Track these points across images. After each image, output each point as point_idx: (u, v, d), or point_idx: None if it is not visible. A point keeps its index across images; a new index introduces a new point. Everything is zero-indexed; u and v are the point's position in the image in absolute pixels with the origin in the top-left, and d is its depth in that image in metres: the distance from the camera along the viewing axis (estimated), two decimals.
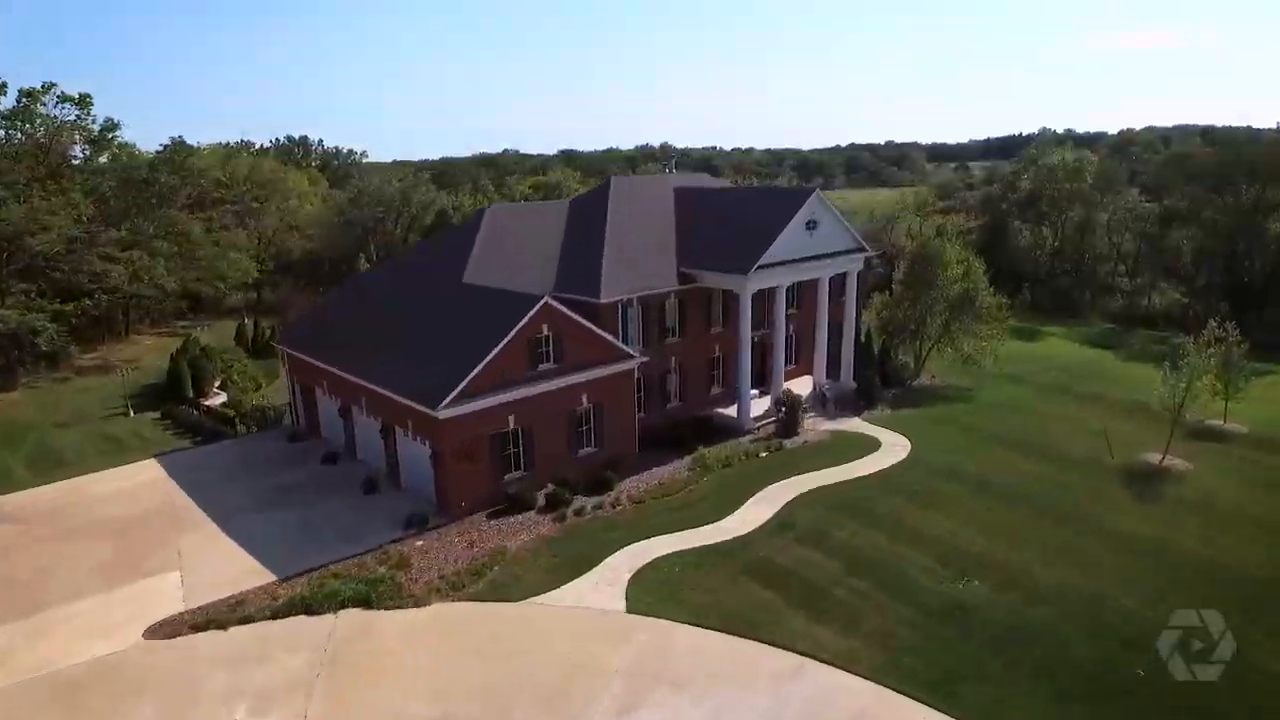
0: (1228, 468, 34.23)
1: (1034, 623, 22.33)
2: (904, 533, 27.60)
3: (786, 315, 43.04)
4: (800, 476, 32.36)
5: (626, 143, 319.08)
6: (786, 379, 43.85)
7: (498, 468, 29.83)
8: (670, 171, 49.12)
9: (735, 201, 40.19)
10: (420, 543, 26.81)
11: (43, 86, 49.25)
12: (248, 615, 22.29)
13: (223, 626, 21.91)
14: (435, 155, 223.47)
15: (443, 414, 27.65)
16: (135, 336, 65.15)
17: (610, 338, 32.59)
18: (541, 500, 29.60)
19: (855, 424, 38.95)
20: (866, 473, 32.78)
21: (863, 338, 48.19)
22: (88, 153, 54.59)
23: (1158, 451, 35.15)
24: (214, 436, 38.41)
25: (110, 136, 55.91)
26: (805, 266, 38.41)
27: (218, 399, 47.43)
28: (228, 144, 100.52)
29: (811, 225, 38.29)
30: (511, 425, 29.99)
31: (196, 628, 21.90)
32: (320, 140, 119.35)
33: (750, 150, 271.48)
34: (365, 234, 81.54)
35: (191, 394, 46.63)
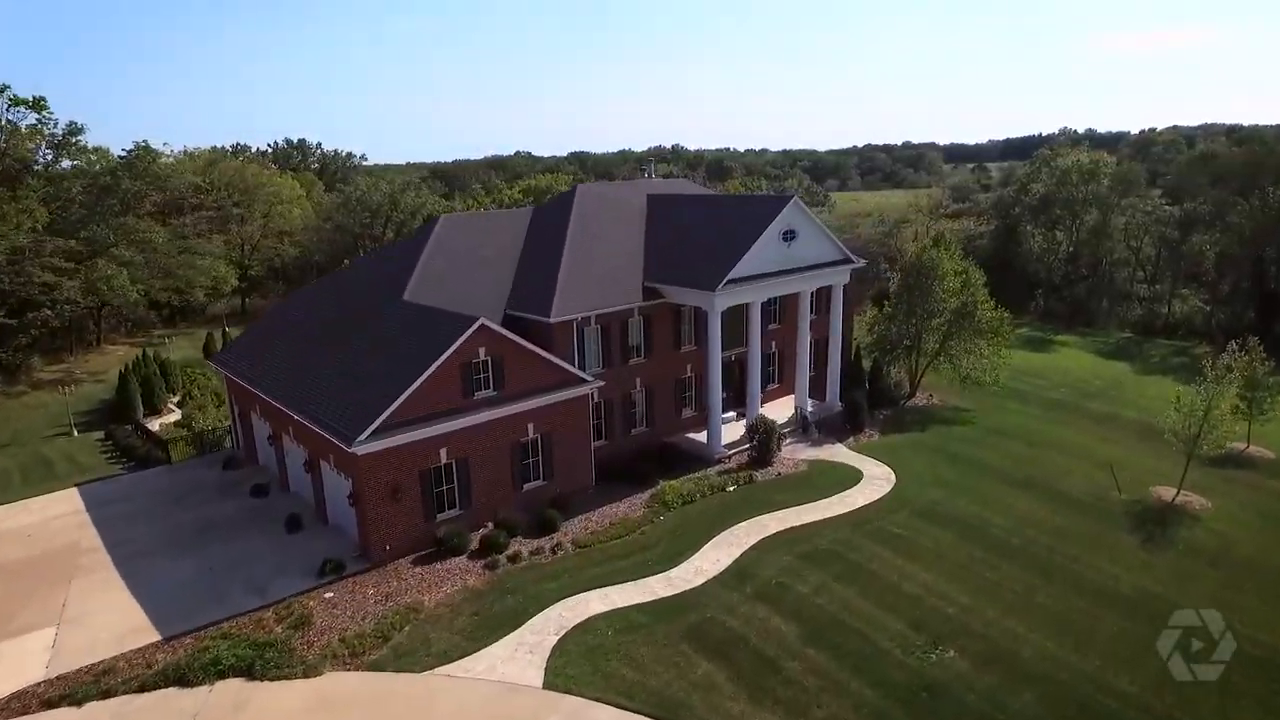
0: (1250, 503, 30.82)
1: (1016, 714, 19.11)
2: (875, 588, 24.45)
3: (768, 332, 40.11)
4: (769, 515, 29.28)
5: (640, 144, 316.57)
6: (769, 400, 40.87)
7: (427, 506, 27.01)
8: (649, 176, 46.23)
9: (708, 211, 37.16)
10: (330, 594, 24.04)
11: None
12: (110, 688, 19.58)
13: (78, 702, 19.21)
14: (449, 158, 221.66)
15: (360, 450, 24.87)
16: (108, 346, 63.13)
17: (559, 361, 29.68)
18: (475, 543, 26.77)
19: (838, 452, 35.76)
20: (842, 511, 29.63)
21: (853, 355, 44.99)
22: (49, 157, 52.56)
23: (1171, 485, 31.76)
24: (147, 462, 35.93)
25: (75, 140, 53.84)
26: (782, 281, 35.29)
27: (172, 417, 45.11)
28: (219, 148, 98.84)
29: (789, 236, 35.16)
30: (444, 459, 27.17)
31: (49, 704, 19.22)
32: (319, 143, 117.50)
33: (764, 151, 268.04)
34: (354, 239, 79.38)
35: (143, 412, 44.34)
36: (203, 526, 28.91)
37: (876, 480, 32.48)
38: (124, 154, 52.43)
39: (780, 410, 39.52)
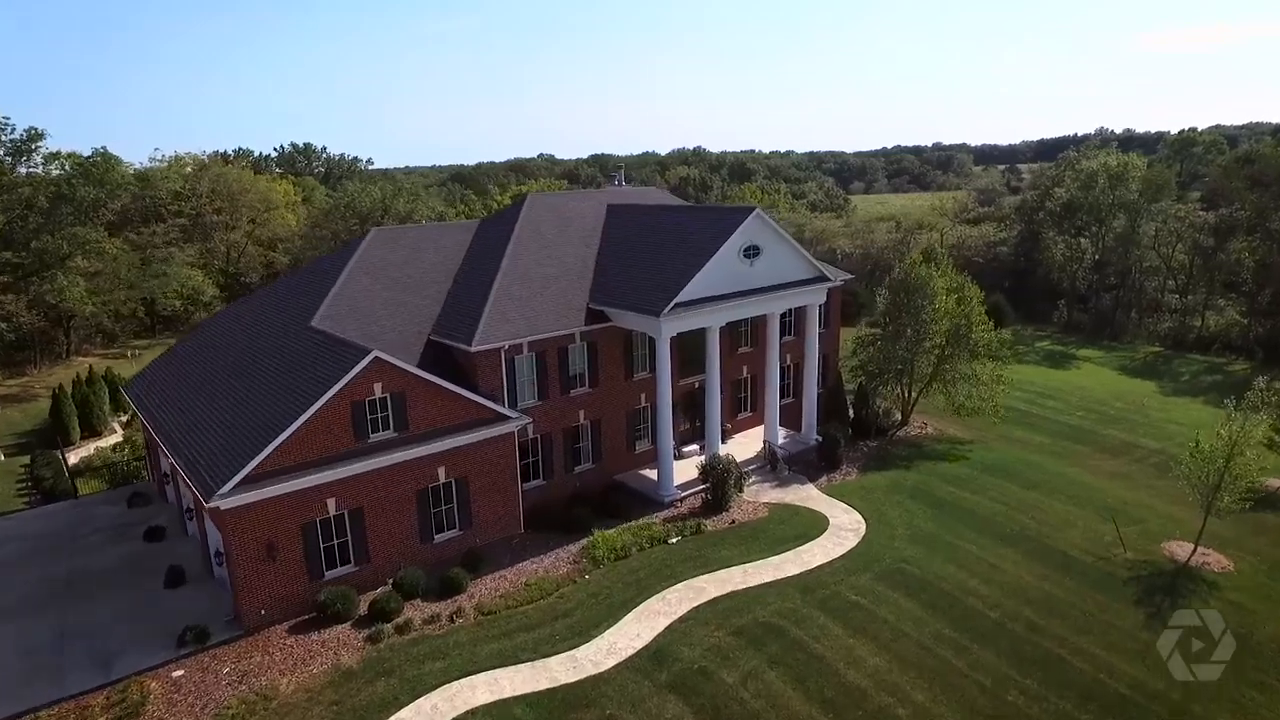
0: None
1: None
2: (815, 677, 20.64)
3: (739, 356, 36.42)
4: (711, 575, 25.58)
5: (663, 146, 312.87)
6: (744, 429, 37.21)
7: (313, 564, 23.77)
8: (619, 184, 42.72)
9: (665, 224, 33.51)
10: (179, 673, 20.87)
11: None
12: None
13: None
14: (473, 160, 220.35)
15: (223, 504, 21.70)
16: (78, 359, 61.17)
17: (475, 396, 26.28)
18: (364, 608, 23.47)
19: (807, 494, 31.88)
20: (795, 572, 25.79)
21: (837, 380, 40.99)
22: (8, 164, 50.49)
23: (1188, 539, 27.53)
24: (53, 495, 33.25)
25: (35, 147, 51.81)
26: (744, 302, 31.51)
27: (112, 439, 42.62)
28: (220, 153, 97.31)
29: (751, 253, 31.38)
30: (333, 510, 23.91)
31: None
32: (324, 148, 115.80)
33: (790, 153, 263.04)
34: (343, 245, 76.95)
35: (80, 434, 41.89)
36: (74, 579, 25.98)
37: (843, 531, 28.57)
38: (80, 161, 50.28)
39: (754, 442, 35.76)
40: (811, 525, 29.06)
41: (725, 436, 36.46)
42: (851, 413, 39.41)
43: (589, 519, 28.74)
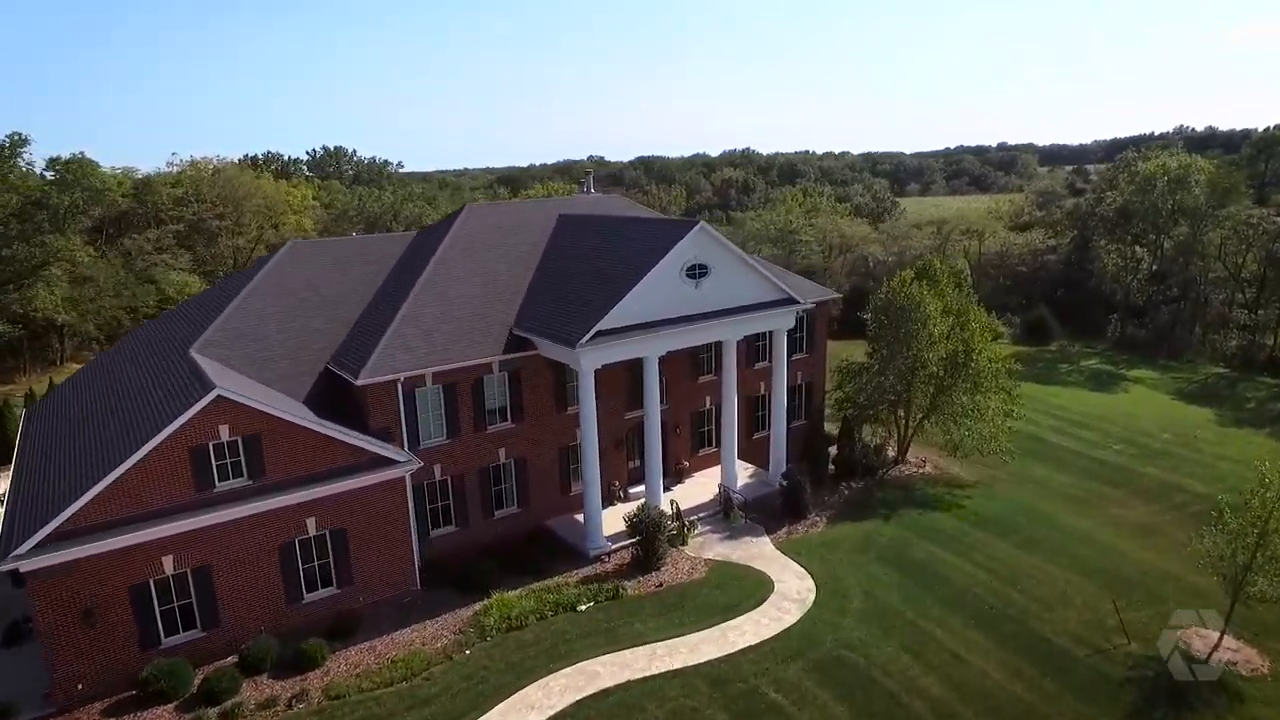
0: None
1: None
2: None
3: (700, 385, 32.34)
4: (613, 655, 21.72)
5: (714, 148, 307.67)
6: (704, 468, 33.12)
7: (146, 631, 20.84)
8: (587, 191, 39.10)
9: (609, 239, 29.71)
10: None
11: None
12: None
13: None
14: (524, 162, 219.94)
15: (24, 566, 18.91)
16: (72, 365, 60.69)
17: (349, 437, 23.00)
18: (195, 684, 20.40)
19: (759, 549, 27.68)
20: (713, 655, 21.72)
21: (819, 413, 36.52)
22: None
23: (1213, 625, 22.50)
24: None
25: (20, 153, 51.12)
26: (687, 329, 27.49)
27: None
28: (248, 157, 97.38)
29: (697, 273, 27.35)
30: (170, 569, 20.93)
31: None
32: (354, 151, 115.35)
33: (844, 154, 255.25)
34: None
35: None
36: None
37: (786, 601, 24.32)
38: (56, 167, 49.41)
39: (716, 482, 31.63)
40: (751, 592, 24.89)
41: (683, 475, 32.59)
42: (835, 449, 34.92)
43: (495, 576, 25.20)
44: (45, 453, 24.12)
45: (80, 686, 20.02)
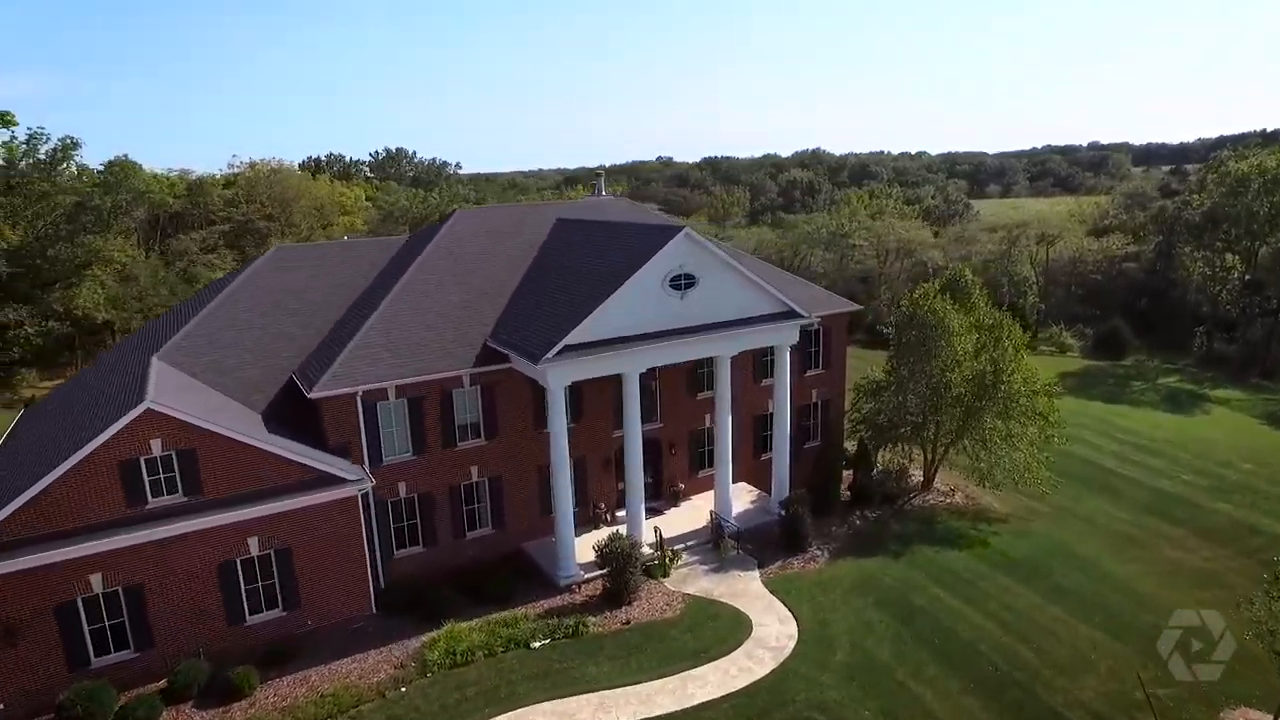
0: None
1: None
2: None
3: (698, 402, 30.18)
4: (556, 703, 19.85)
5: (785, 149, 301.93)
6: (704, 491, 30.88)
7: (73, 651, 20.09)
8: (599, 193, 37.32)
9: (595, 244, 27.84)
10: None
11: None
12: None
13: None
14: (593, 163, 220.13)
15: None
16: None
17: (293, 454, 21.82)
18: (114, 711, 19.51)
19: (745, 585, 25.32)
20: (668, 709, 19.58)
21: (836, 434, 33.74)
22: (42, 173, 51.60)
23: (1267, 708, 19.12)
24: None
25: (72, 155, 52.84)
26: (671, 344, 25.36)
27: None
28: (312, 159, 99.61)
29: (682, 283, 25.20)
30: (100, 588, 20.15)
31: None
32: (414, 152, 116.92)
33: (921, 154, 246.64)
34: None
35: None
36: None
37: (762, 649, 21.96)
38: (100, 168, 50.90)
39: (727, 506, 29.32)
40: (725, 635, 22.61)
41: (679, 498, 30.47)
42: (851, 474, 32.17)
43: (454, 602, 23.68)
44: (13, 458, 23.86)
45: (2, 706, 19.39)
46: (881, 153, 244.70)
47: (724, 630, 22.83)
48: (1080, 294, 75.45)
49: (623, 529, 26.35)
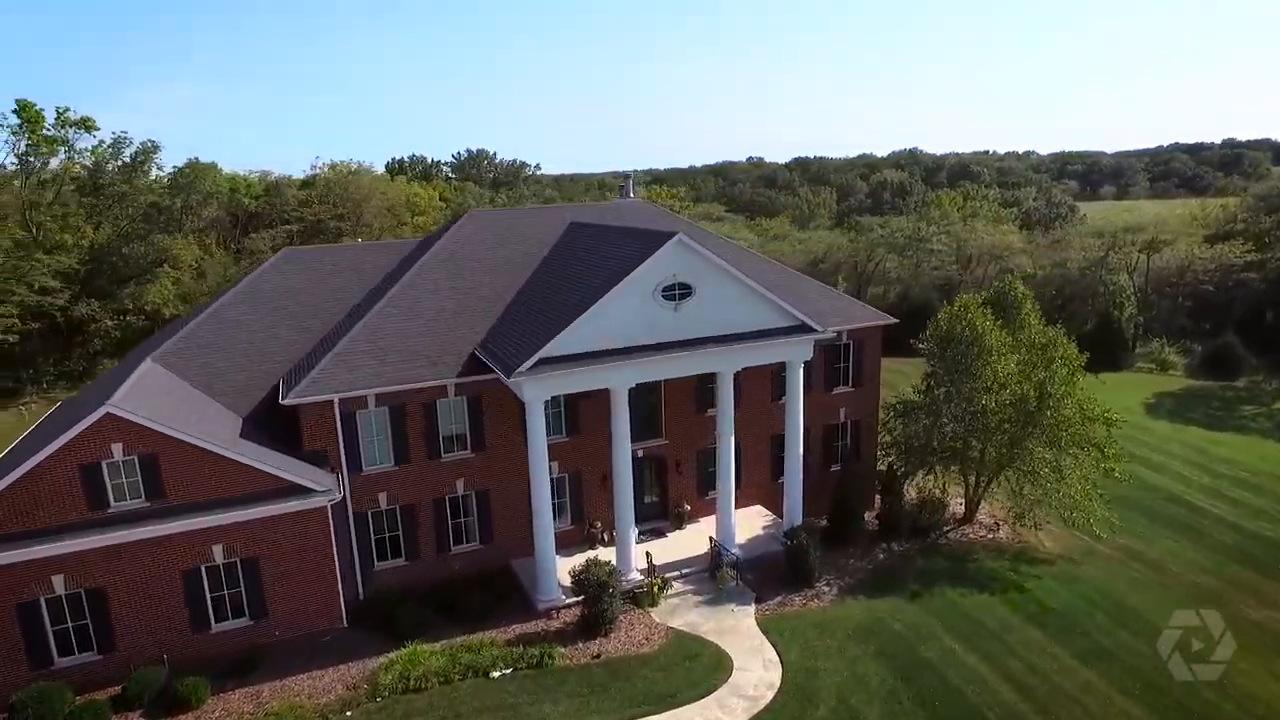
0: None
1: None
2: None
3: (708, 418, 28.32)
4: None
5: (881, 149, 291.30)
6: (709, 515, 28.99)
7: (37, 651, 20.20)
8: (626, 196, 35.79)
9: (595, 249, 26.36)
10: None
11: (59, 113, 49.51)
12: None
13: None
14: (684, 163, 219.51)
15: None
16: None
17: (256, 461, 21.34)
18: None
19: (736, 621, 23.34)
20: None
21: (867, 459, 31.10)
22: (123, 174, 54.50)
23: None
24: None
25: (152, 158, 55.61)
26: (663, 358, 23.63)
27: None
28: (396, 160, 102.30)
29: (676, 293, 23.44)
30: (62, 589, 20.21)
31: None
32: (495, 153, 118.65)
33: (1029, 154, 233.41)
34: None
35: None
36: None
37: (737, 697, 20.01)
38: (173, 170, 53.36)
39: (736, 528, 27.35)
40: (701, 678, 20.75)
41: (684, 520, 28.72)
42: (879, 502, 29.57)
43: (426, 620, 22.78)
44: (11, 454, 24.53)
45: None
46: (986, 152, 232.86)
47: (700, 673, 20.98)
48: (1188, 306, 68.64)
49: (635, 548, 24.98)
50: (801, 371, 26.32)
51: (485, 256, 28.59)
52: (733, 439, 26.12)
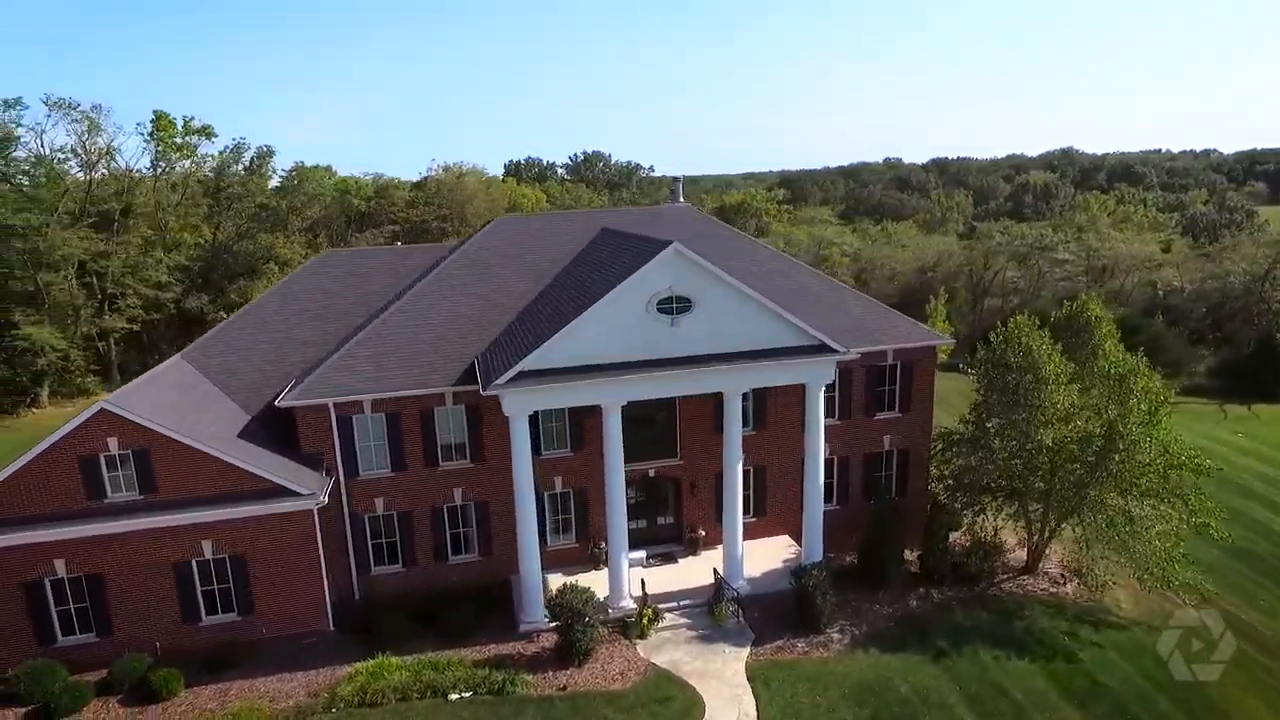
0: None
1: None
2: None
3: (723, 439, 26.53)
4: None
5: (1032, 149, 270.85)
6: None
7: (41, 628, 21.40)
8: (676, 201, 34.14)
9: (607, 257, 25.05)
10: None
11: (185, 121, 53.93)
12: None
13: None
14: (820, 165, 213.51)
15: None
16: None
17: (248, 463, 21.65)
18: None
19: (722, 665, 21.44)
20: None
21: (920, 493, 28.10)
22: (242, 178, 58.68)
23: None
24: None
25: (268, 162, 59.60)
26: (660, 377, 22.06)
27: None
28: (512, 162, 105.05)
29: (674, 306, 21.82)
30: (63, 572, 21.30)
31: None
32: (610, 154, 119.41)
33: (1209, 153, 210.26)
34: None
35: None
36: None
37: None
38: (281, 174, 56.82)
39: (748, 558, 25.45)
40: None
41: (698, 546, 27.05)
42: (925, 542, 26.58)
43: (406, 632, 22.45)
44: None
45: None
46: (1157, 151, 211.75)
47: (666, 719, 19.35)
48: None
49: (630, 572, 23.74)
50: (821, 395, 23.96)
51: (508, 263, 28.03)
52: (740, 465, 24.15)
